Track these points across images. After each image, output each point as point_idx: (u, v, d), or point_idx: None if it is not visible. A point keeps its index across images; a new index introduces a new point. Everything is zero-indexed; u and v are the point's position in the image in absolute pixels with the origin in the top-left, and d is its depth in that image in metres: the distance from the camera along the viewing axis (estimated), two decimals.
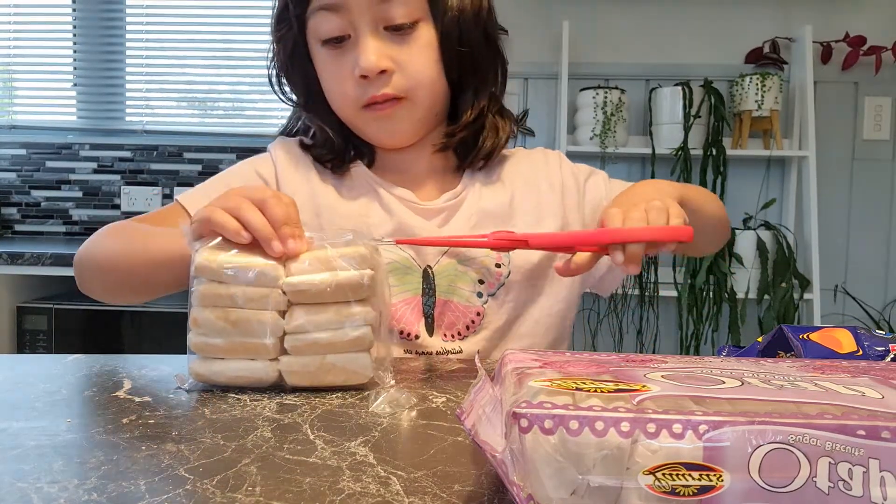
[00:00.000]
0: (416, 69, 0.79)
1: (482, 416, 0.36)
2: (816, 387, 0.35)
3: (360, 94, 0.79)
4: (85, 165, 2.49)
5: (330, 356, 0.59)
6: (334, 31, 0.78)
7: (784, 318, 2.04)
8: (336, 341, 0.59)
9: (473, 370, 0.68)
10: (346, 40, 0.78)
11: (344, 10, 0.77)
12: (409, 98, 0.80)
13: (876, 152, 2.29)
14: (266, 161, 0.88)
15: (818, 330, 0.59)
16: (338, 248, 0.60)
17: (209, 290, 0.58)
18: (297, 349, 0.59)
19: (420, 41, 0.79)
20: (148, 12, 2.50)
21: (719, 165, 2.13)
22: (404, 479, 0.41)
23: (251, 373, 0.59)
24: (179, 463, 0.43)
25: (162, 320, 1.92)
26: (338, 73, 0.80)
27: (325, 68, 0.81)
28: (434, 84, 0.81)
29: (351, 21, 0.77)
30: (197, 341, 0.59)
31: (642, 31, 2.30)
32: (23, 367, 0.66)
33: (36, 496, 0.38)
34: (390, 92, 0.78)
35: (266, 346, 0.58)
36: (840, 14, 2.24)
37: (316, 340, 0.58)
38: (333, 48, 0.79)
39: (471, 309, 0.81)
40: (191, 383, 0.60)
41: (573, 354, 0.42)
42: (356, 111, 0.81)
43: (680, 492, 0.29)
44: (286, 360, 0.59)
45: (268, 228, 0.59)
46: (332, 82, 0.81)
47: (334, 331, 0.59)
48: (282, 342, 0.59)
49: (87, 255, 0.79)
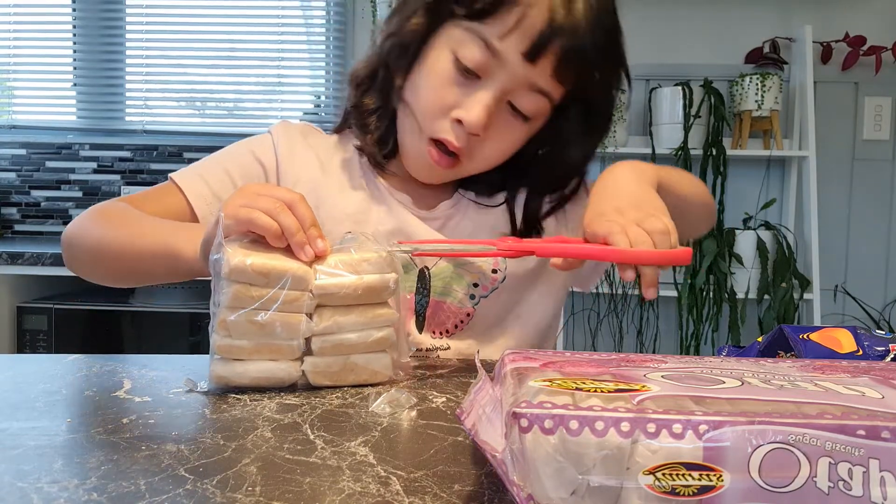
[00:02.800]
0: (495, 150, 0.78)
1: (482, 416, 0.36)
2: (816, 387, 0.35)
3: (443, 128, 0.75)
4: (85, 165, 2.49)
5: (353, 356, 0.61)
6: (474, 64, 0.73)
7: (784, 319, 2.04)
8: (360, 342, 0.60)
9: (473, 370, 0.68)
10: (473, 77, 0.74)
11: (499, 60, 0.72)
12: (465, 164, 0.78)
13: (876, 152, 2.29)
14: (266, 146, 0.86)
15: (818, 330, 0.59)
16: (361, 253, 0.61)
17: (241, 292, 0.57)
18: (323, 350, 0.60)
19: (519, 133, 0.77)
20: (148, 12, 2.49)
21: (719, 165, 2.13)
22: (404, 479, 0.41)
23: (274, 373, 0.59)
24: (179, 463, 0.43)
25: (162, 320, 1.92)
26: (443, 95, 0.75)
27: (436, 79, 0.76)
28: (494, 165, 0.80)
29: (494, 71, 0.73)
30: (222, 343, 0.58)
31: (642, 31, 2.29)
32: (23, 367, 0.66)
33: (36, 496, 0.38)
34: (463, 147, 0.76)
35: (293, 348, 0.59)
36: (840, 14, 2.24)
37: (342, 341, 0.60)
38: (458, 72, 0.74)
39: (462, 310, 0.82)
40: (209, 386, 0.59)
41: (573, 354, 0.42)
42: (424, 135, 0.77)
43: (680, 492, 0.29)
44: (311, 360, 0.60)
45: (302, 234, 0.59)
46: (431, 94, 0.76)
47: (359, 332, 0.60)
48: (307, 343, 0.60)
49: (75, 236, 0.78)
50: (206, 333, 1.99)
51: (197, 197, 0.81)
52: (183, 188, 0.81)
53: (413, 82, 0.78)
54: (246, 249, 0.58)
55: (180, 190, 0.81)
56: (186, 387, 0.60)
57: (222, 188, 0.82)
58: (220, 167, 0.84)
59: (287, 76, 2.51)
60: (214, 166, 0.84)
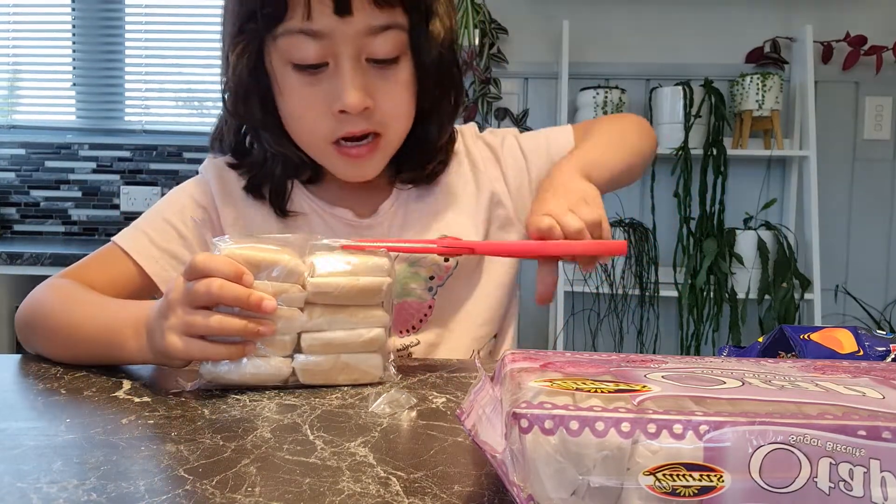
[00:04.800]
0: (395, 105, 0.76)
1: (482, 416, 0.36)
2: (817, 387, 0.35)
3: (335, 128, 0.74)
4: (84, 165, 2.49)
5: (344, 355, 0.61)
6: (312, 58, 0.71)
7: (785, 319, 2.03)
8: (351, 341, 0.61)
9: (473, 370, 0.68)
10: (323, 68, 0.72)
11: (326, 38, 0.70)
12: (383, 135, 0.77)
13: (877, 152, 2.29)
14: (203, 186, 0.84)
15: (819, 330, 0.59)
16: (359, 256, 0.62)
17: None
18: (313, 348, 0.60)
19: (400, 76, 0.75)
20: (147, 12, 2.49)
21: (720, 165, 2.13)
22: (404, 480, 0.41)
23: (263, 371, 0.59)
24: (179, 463, 0.43)
25: None
26: (310, 103, 0.74)
27: (293, 95, 0.74)
28: (409, 119, 0.79)
29: (332, 49, 0.71)
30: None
31: (642, 30, 2.29)
32: (22, 367, 0.66)
33: (35, 496, 0.38)
34: (369, 127, 0.75)
35: (284, 343, 0.59)
36: (841, 14, 2.24)
37: (332, 340, 0.60)
38: (308, 75, 0.73)
39: (423, 304, 0.83)
40: (199, 384, 0.59)
41: (573, 355, 0.42)
42: (325, 145, 0.76)
43: (680, 492, 0.29)
44: (302, 358, 0.60)
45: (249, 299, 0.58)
46: (300, 110, 0.75)
47: (350, 331, 0.61)
48: (297, 341, 0.60)
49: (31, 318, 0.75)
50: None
51: (145, 258, 0.79)
52: (128, 250, 0.79)
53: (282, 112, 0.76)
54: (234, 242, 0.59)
55: (125, 253, 0.79)
56: (178, 387, 0.60)
57: (168, 241, 0.80)
58: (160, 219, 0.82)
59: None
60: (156, 219, 0.82)
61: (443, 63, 0.78)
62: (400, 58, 0.75)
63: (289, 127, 0.77)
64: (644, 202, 2.27)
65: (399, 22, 0.73)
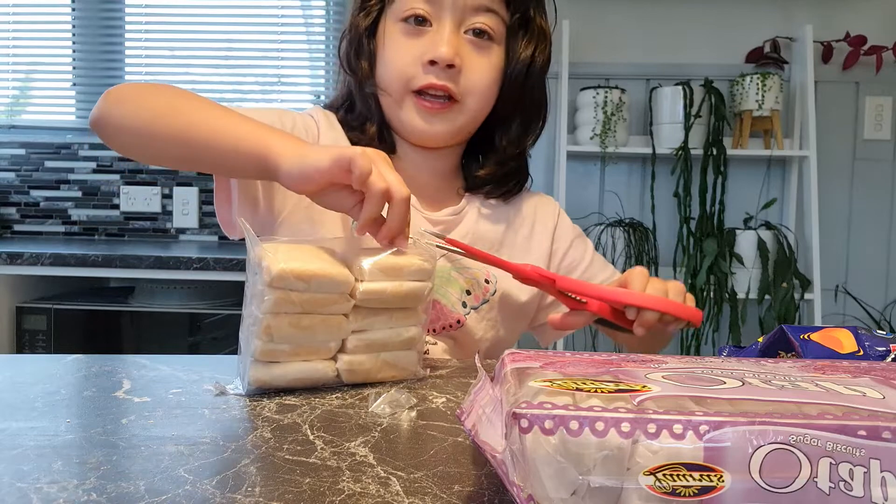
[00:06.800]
0: (478, 78, 0.82)
1: (482, 416, 0.36)
2: (817, 387, 0.35)
3: (420, 77, 0.80)
4: (84, 165, 2.49)
5: (384, 354, 0.63)
6: (421, 9, 0.80)
7: (785, 319, 2.03)
8: (391, 340, 0.63)
9: (473, 370, 0.68)
10: (427, 26, 0.80)
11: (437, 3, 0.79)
12: (461, 102, 0.82)
13: (877, 152, 2.29)
14: (309, 122, 0.86)
15: (819, 330, 0.59)
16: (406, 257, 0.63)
17: (284, 297, 0.57)
18: (357, 348, 0.62)
19: (491, 58, 0.82)
20: (147, 12, 2.49)
21: (720, 165, 2.13)
22: (404, 480, 0.41)
23: (311, 373, 0.60)
24: (179, 463, 0.43)
25: (161, 320, 1.92)
26: (405, 52, 0.81)
27: (393, 43, 0.82)
28: (488, 99, 0.84)
29: (439, 11, 0.79)
30: (265, 349, 0.58)
31: (642, 30, 2.29)
32: (22, 367, 0.66)
33: (35, 496, 0.38)
34: (450, 86, 0.80)
35: (329, 348, 0.61)
36: (841, 14, 2.24)
37: (374, 340, 0.62)
38: (411, 29, 0.81)
39: (453, 315, 0.83)
40: (247, 389, 0.59)
41: (573, 354, 0.42)
42: (405, 93, 0.81)
43: (680, 492, 0.29)
44: (346, 358, 0.61)
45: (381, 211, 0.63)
46: (394, 56, 0.82)
47: (390, 330, 0.63)
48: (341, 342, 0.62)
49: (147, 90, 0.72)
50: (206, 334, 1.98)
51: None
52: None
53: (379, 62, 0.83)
54: (283, 254, 0.58)
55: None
56: (216, 391, 0.59)
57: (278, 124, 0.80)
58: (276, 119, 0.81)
59: (287, 75, 2.51)
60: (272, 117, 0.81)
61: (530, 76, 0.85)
62: (494, 42, 0.82)
63: (381, 77, 0.84)
64: (644, 202, 2.27)
65: (500, 13, 0.82)
